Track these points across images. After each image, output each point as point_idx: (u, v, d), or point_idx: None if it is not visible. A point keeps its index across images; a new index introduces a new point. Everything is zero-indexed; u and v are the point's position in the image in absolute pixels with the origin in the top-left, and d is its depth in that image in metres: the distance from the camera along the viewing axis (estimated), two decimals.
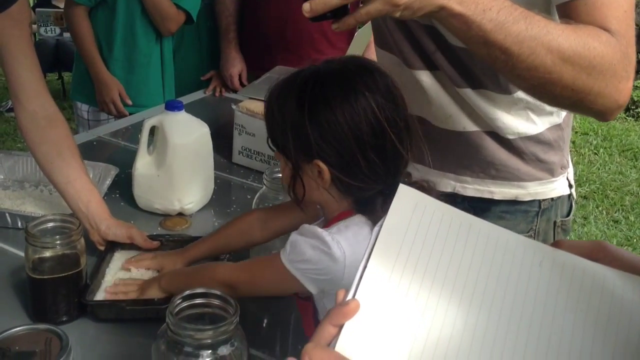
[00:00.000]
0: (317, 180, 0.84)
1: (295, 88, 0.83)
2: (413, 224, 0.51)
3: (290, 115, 0.82)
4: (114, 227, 1.17)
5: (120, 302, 1.05)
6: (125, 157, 1.61)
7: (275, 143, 0.88)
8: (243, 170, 1.68)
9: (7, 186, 1.42)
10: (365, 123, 0.80)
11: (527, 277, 0.49)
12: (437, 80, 1.10)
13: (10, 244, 1.23)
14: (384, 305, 0.47)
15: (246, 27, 2.21)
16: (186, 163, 1.36)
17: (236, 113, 1.66)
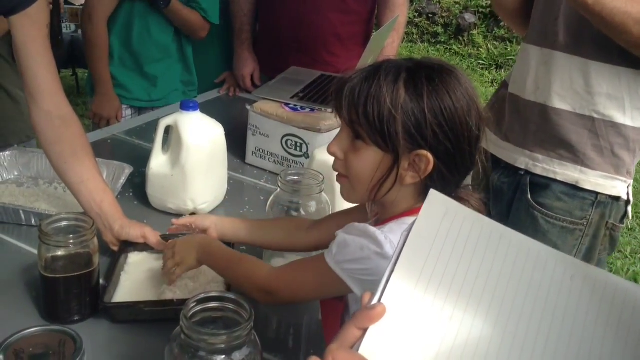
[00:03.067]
0: (410, 174, 0.81)
1: (399, 75, 0.79)
2: (442, 230, 0.50)
3: (402, 103, 0.78)
4: (128, 227, 1.17)
5: (139, 304, 1.04)
6: (139, 156, 1.61)
7: (364, 134, 0.82)
8: (256, 171, 1.68)
9: (22, 183, 1.42)
10: (475, 113, 0.80)
11: (557, 290, 0.48)
12: (537, 49, 1.31)
13: (23, 241, 1.23)
14: (410, 311, 0.46)
15: (260, 28, 2.21)
16: (200, 163, 1.36)
17: (250, 114, 1.66)
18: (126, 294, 1.09)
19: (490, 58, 6.48)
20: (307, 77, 1.87)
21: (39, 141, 1.23)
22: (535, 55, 1.34)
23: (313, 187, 1.12)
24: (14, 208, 1.25)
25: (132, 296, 1.08)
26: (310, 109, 1.62)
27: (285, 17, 2.06)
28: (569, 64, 1.26)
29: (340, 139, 0.86)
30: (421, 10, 6.82)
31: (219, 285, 1.10)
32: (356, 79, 0.82)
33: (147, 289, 1.11)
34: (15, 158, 1.45)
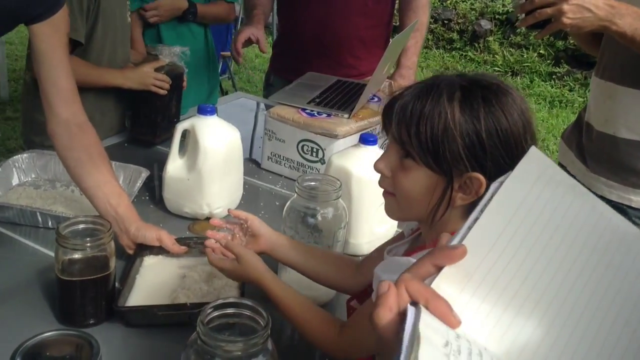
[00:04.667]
0: (460, 195, 0.79)
1: (454, 95, 0.77)
2: (535, 189, 0.49)
3: (457, 124, 0.75)
4: (144, 230, 1.17)
5: (153, 308, 1.04)
6: (156, 160, 1.62)
7: (415, 154, 0.79)
8: (272, 176, 1.67)
9: (39, 185, 1.42)
10: (529, 135, 0.78)
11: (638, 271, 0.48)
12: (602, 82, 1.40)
13: (40, 244, 1.23)
14: (488, 261, 0.46)
15: (282, 32, 2.20)
16: (216, 167, 1.36)
17: (267, 118, 1.65)
18: (141, 297, 1.08)
19: (506, 65, 6.44)
20: (323, 83, 1.87)
21: (56, 148, 1.24)
22: (600, 88, 1.42)
23: (330, 193, 1.11)
24: (31, 210, 1.25)
25: (146, 300, 1.08)
26: (326, 115, 1.61)
27: (309, 21, 2.05)
28: (632, 96, 1.34)
29: (388, 157, 0.84)
30: (437, 17, 6.80)
31: (232, 289, 1.09)
32: (408, 96, 0.80)
33: (161, 292, 1.10)
34: (32, 160, 1.46)
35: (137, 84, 1.70)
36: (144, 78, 1.69)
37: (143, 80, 1.69)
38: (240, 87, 5.14)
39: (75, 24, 1.55)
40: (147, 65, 1.70)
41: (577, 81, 5.90)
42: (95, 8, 1.61)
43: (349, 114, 1.61)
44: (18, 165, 1.43)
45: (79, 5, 1.55)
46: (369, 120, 1.61)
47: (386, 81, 1.91)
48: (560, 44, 6.19)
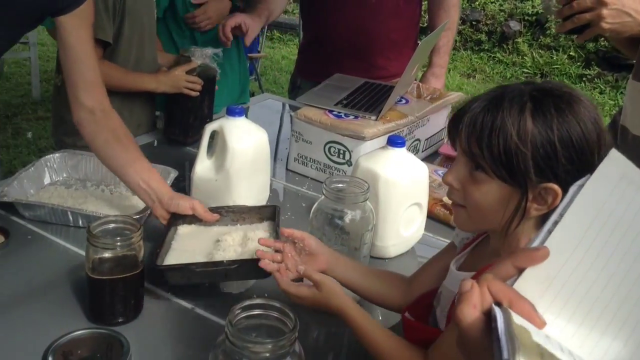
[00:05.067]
0: (535, 206, 0.78)
1: (525, 105, 0.76)
2: (617, 192, 0.48)
3: (530, 135, 0.75)
4: (177, 199, 1.21)
5: (190, 265, 1.07)
6: (184, 160, 1.63)
7: (487, 166, 0.78)
8: (298, 178, 1.68)
9: (70, 185, 1.45)
10: (602, 142, 0.77)
11: None
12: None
13: (71, 242, 1.25)
14: (571, 264, 0.46)
15: (311, 35, 2.19)
16: (244, 168, 1.36)
17: (294, 120, 1.65)
18: (177, 259, 1.12)
19: (535, 67, 6.35)
20: (351, 84, 1.86)
21: (83, 135, 1.28)
22: (638, 91, 1.38)
23: (358, 195, 1.10)
24: (62, 209, 1.27)
25: (183, 260, 1.11)
26: (354, 117, 1.61)
27: (343, 25, 2.05)
28: None
29: (457, 169, 0.83)
30: (465, 18, 6.74)
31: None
32: (476, 108, 0.79)
33: (197, 254, 1.15)
34: (64, 160, 1.48)
35: (170, 87, 1.72)
36: (176, 81, 1.71)
37: (175, 84, 1.72)
38: (266, 88, 5.16)
39: (101, 24, 1.57)
40: (179, 68, 1.72)
41: (608, 84, 5.79)
42: (121, 7, 1.63)
43: (377, 116, 1.60)
44: (50, 164, 1.46)
45: (104, 4, 1.57)
46: (396, 123, 1.60)
47: (414, 83, 1.90)
48: (591, 46, 6.08)
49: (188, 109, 1.76)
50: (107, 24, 1.59)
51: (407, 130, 1.66)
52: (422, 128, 1.74)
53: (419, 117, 1.69)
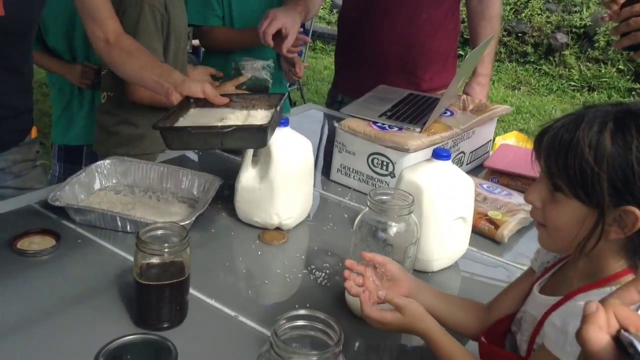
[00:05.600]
0: (614, 229, 0.76)
1: (606, 125, 0.75)
2: None
3: (607, 156, 0.73)
4: (189, 82, 1.31)
5: (187, 128, 1.20)
6: (228, 169, 1.65)
7: (564, 187, 0.78)
8: (340, 188, 1.68)
9: (119, 190, 1.48)
10: None
11: None
12: None
13: (119, 247, 1.28)
14: None
15: (360, 50, 2.17)
16: (288, 178, 1.37)
17: (337, 130, 1.66)
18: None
19: (583, 80, 6.21)
20: (395, 96, 1.86)
21: (103, 60, 1.52)
22: None
23: (402, 208, 1.09)
24: (111, 215, 1.30)
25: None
26: (398, 128, 1.60)
27: (392, 40, 2.06)
28: None
29: (539, 188, 0.83)
30: (510, 29, 6.65)
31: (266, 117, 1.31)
32: (558, 126, 0.78)
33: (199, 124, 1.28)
34: (113, 167, 1.52)
35: None
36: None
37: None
38: (308, 98, 5.20)
39: (154, 44, 1.63)
40: (229, 83, 1.76)
41: None
42: (167, 22, 1.67)
43: (421, 128, 1.59)
44: (100, 170, 1.50)
45: (154, 24, 1.63)
46: (441, 135, 1.59)
47: (459, 95, 1.88)
48: None
49: None
50: (158, 45, 1.65)
51: (452, 143, 1.65)
52: (467, 141, 1.72)
53: (464, 129, 1.67)
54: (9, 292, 1.11)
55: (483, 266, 1.39)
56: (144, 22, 1.61)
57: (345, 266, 1.04)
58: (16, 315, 1.06)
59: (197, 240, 1.24)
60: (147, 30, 1.62)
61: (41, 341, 1.00)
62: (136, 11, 1.60)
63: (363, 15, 2.12)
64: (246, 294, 1.21)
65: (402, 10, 2.04)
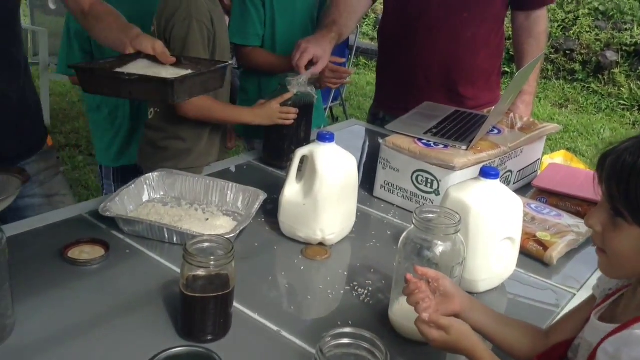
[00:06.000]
0: None
1: None
2: None
3: None
4: (142, 37, 1.39)
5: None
6: (272, 183, 1.67)
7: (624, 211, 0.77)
8: (384, 205, 1.67)
9: (167, 202, 1.51)
10: None
11: None
12: None
13: (165, 258, 1.30)
14: None
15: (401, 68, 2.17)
16: (332, 194, 1.37)
17: (382, 147, 1.65)
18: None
19: (633, 99, 6.03)
20: (441, 113, 1.84)
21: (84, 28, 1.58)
22: None
23: (449, 227, 1.08)
24: (159, 226, 1.33)
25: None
26: (443, 146, 1.59)
27: (435, 58, 2.05)
28: None
29: (600, 212, 0.82)
30: (558, 47, 6.53)
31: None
32: (622, 149, 0.77)
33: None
34: (162, 179, 1.55)
35: (265, 119, 1.80)
36: (270, 114, 1.79)
37: (270, 116, 1.79)
38: (350, 113, 5.20)
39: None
40: (274, 100, 1.78)
41: None
42: (213, 36, 1.71)
43: (467, 146, 1.57)
44: (149, 182, 1.53)
45: (202, 38, 1.67)
46: (488, 153, 1.56)
47: (507, 113, 1.85)
48: None
49: (284, 135, 1.82)
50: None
51: (499, 161, 1.62)
52: (515, 159, 1.69)
53: (512, 148, 1.64)
54: (59, 300, 1.14)
55: (530, 288, 1.35)
56: (192, 37, 1.65)
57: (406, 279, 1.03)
58: (64, 323, 1.08)
59: (240, 254, 1.25)
60: (195, 45, 1.65)
61: (88, 350, 1.02)
62: (185, 26, 1.64)
63: (404, 33, 2.11)
64: (288, 309, 1.21)
65: (444, 29, 2.03)
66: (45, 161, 1.64)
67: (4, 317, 1.01)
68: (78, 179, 3.87)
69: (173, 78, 1.27)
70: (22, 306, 1.08)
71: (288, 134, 1.82)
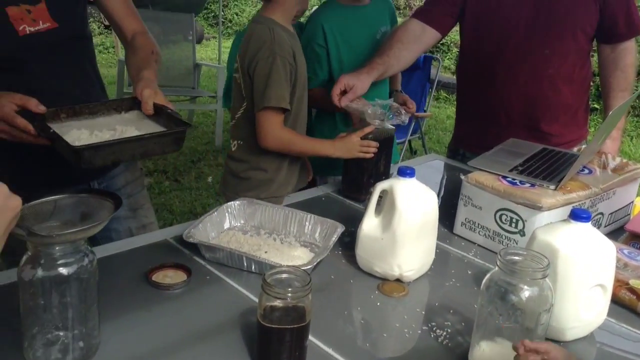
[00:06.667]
0: None
1: None
2: None
3: None
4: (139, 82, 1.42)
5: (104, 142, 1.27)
6: (349, 216, 1.66)
7: None
8: (464, 243, 1.62)
9: (246, 231, 1.54)
10: None
11: None
12: None
13: (243, 286, 1.32)
14: None
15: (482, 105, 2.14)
16: (411, 230, 1.35)
17: (463, 183, 1.61)
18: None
19: None
20: (527, 150, 1.78)
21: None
22: None
23: (536, 271, 1.03)
24: (238, 254, 1.35)
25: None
26: (530, 184, 1.53)
27: (516, 95, 2.01)
28: None
29: None
30: None
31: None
32: None
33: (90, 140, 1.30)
34: (243, 207, 1.59)
35: (345, 152, 1.82)
36: (350, 149, 1.81)
37: (350, 150, 1.81)
38: (430, 147, 5.15)
39: (284, 93, 1.71)
40: (355, 134, 1.79)
41: None
42: (295, 71, 1.75)
43: (556, 185, 1.50)
44: (230, 211, 1.57)
45: (285, 74, 1.71)
46: (577, 194, 1.49)
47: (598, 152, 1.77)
48: None
49: (363, 168, 1.82)
50: (287, 93, 1.73)
51: (590, 203, 1.54)
52: (607, 201, 1.60)
53: (604, 189, 1.55)
54: (142, 322, 1.18)
55: (622, 339, 1.26)
56: (276, 74, 1.69)
57: (514, 347, 0.99)
58: (146, 345, 1.12)
59: (316, 286, 1.24)
60: (279, 81, 1.70)
61: None
62: (268, 63, 1.69)
63: (482, 70, 2.08)
64: (364, 346, 1.18)
65: (524, 67, 1.98)
66: (131, 172, 1.74)
67: (91, 337, 1.05)
68: (163, 204, 4.03)
69: (78, 146, 1.23)
70: (107, 326, 1.12)
71: (367, 167, 1.82)
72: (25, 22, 1.43)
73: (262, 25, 1.74)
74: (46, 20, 1.46)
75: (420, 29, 2.10)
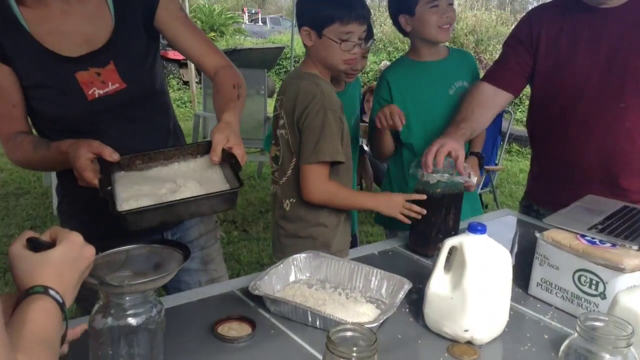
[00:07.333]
0: None
1: None
2: None
3: None
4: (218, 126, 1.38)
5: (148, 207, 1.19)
6: (417, 272, 1.62)
7: None
8: (540, 305, 1.53)
9: (312, 284, 1.53)
10: None
11: None
12: None
13: (307, 342, 1.30)
14: None
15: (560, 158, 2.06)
16: (483, 289, 1.29)
17: (539, 241, 1.54)
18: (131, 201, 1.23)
19: None
20: (607, 207, 1.69)
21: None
22: None
23: (620, 339, 0.95)
24: (303, 309, 1.34)
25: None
26: (611, 244, 1.44)
27: (591, 150, 1.93)
28: None
29: None
30: None
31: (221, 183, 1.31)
32: None
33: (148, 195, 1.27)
34: (308, 260, 1.58)
35: (386, 209, 1.80)
36: (392, 207, 1.79)
37: (392, 208, 1.78)
38: (501, 201, 5.01)
39: (337, 147, 1.74)
40: (401, 194, 1.77)
41: None
42: (342, 128, 1.77)
43: (639, 246, 1.41)
44: (296, 263, 1.57)
45: (337, 127, 1.74)
46: None
47: None
48: None
49: (432, 222, 1.78)
50: (339, 146, 1.75)
51: None
52: None
53: None
54: None
55: None
56: (328, 127, 1.71)
57: None
58: None
59: (382, 345, 1.20)
60: (331, 134, 1.72)
61: None
62: (320, 117, 1.71)
63: (555, 124, 2.01)
64: None
65: (601, 120, 1.90)
66: (205, 225, 1.75)
67: None
68: (231, 253, 4.10)
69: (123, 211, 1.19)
70: None
71: (436, 222, 1.78)
72: (95, 85, 1.48)
73: (307, 81, 1.77)
74: (115, 81, 1.49)
75: (493, 92, 2.08)
